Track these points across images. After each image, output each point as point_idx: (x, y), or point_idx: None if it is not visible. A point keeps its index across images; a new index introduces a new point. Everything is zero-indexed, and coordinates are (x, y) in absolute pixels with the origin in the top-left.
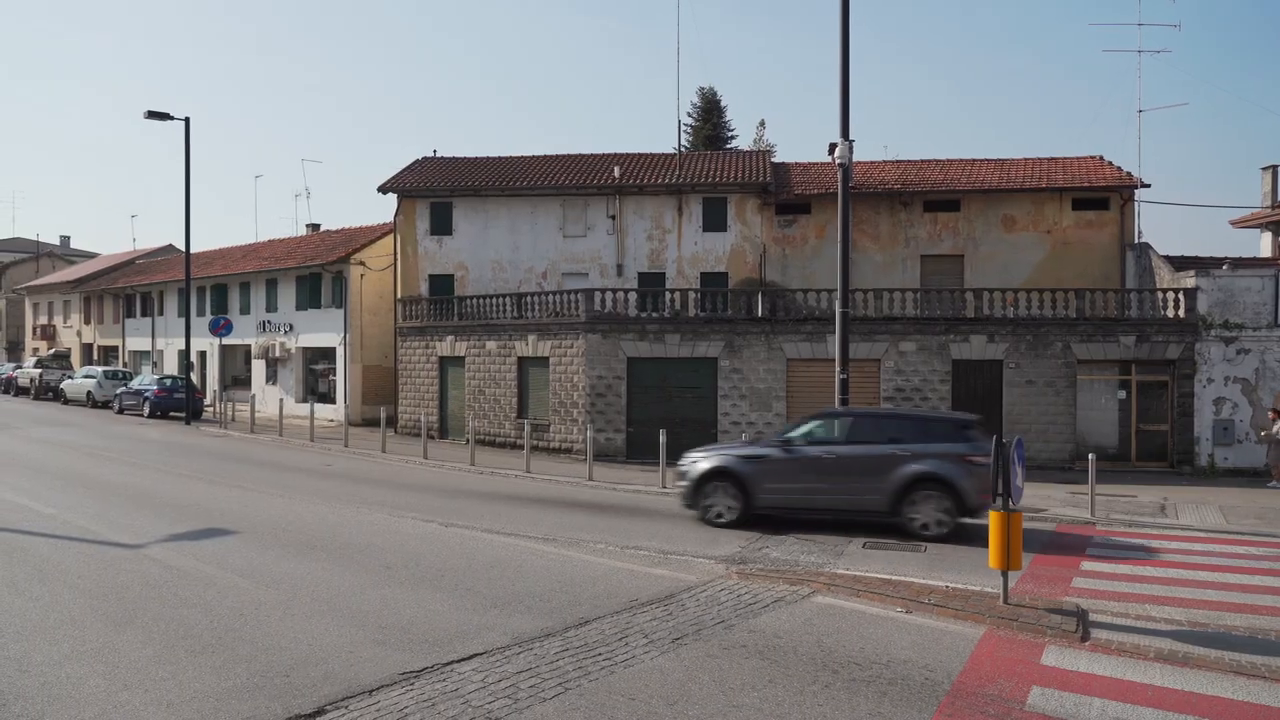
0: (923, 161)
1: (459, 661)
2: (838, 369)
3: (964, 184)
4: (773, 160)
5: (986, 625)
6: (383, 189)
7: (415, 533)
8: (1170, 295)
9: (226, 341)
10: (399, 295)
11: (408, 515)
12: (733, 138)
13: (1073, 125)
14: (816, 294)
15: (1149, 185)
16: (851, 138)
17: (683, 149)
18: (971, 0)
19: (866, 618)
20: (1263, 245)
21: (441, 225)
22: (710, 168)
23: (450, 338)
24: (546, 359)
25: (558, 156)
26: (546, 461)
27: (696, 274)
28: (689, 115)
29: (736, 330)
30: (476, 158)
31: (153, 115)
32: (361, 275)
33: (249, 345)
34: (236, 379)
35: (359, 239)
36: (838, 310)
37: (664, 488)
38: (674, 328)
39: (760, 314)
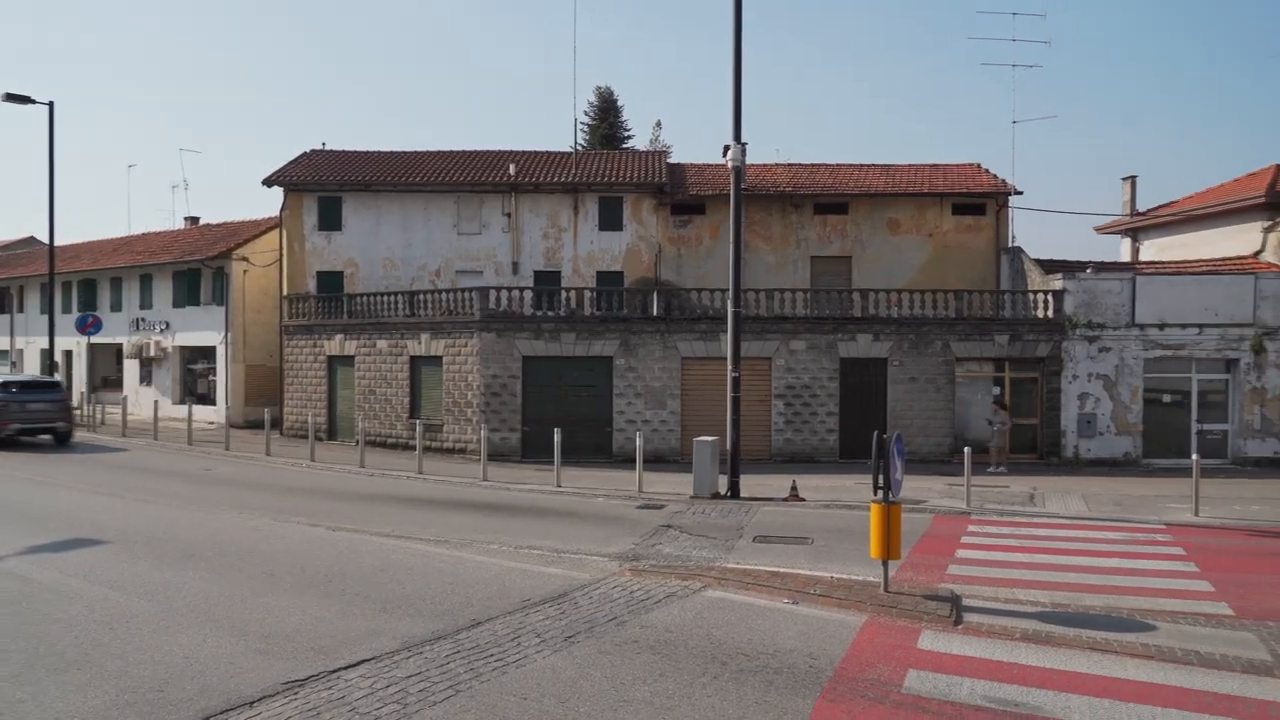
0: (813, 165)
1: (346, 668)
2: (730, 367)
3: (852, 188)
4: (669, 161)
5: (868, 613)
6: (268, 182)
7: (301, 538)
8: (1040, 296)
9: (96, 340)
10: (285, 293)
11: (293, 520)
12: (629, 137)
13: (954, 133)
14: (710, 293)
15: (1021, 192)
16: (745, 140)
17: (579, 148)
18: (865, 9)
19: (755, 610)
20: (1123, 250)
21: (331, 221)
22: (607, 167)
23: (339, 336)
24: (440, 358)
25: (452, 153)
26: (440, 462)
27: (593, 273)
28: (586, 114)
29: (632, 329)
30: (368, 152)
31: (12, 98)
32: (245, 271)
33: (121, 344)
34: (107, 380)
35: (242, 233)
36: (730, 310)
37: (559, 486)
38: (570, 327)
39: (656, 313)
